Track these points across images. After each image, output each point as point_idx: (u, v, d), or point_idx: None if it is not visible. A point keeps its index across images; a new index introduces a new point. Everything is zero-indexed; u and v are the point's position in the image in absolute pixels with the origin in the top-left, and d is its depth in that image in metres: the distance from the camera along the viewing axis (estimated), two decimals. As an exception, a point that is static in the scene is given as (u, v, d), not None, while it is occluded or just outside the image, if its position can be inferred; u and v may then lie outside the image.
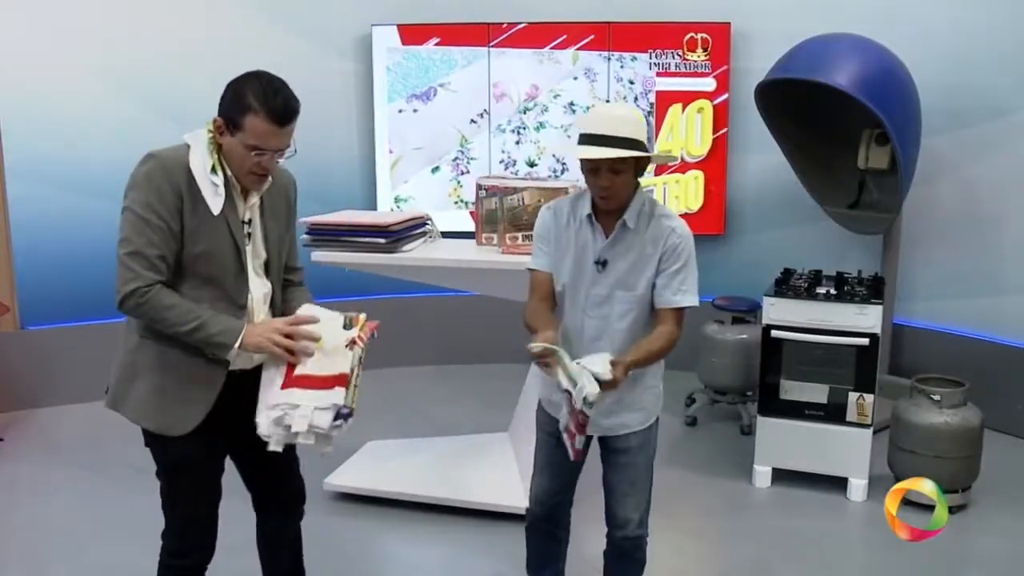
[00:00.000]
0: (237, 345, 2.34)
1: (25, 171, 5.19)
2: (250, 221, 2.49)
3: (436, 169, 6.00)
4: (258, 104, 2.31)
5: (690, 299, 2.64)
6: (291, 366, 2.42)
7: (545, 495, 2.93)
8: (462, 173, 5.98)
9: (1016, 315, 5.01)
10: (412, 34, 5.83)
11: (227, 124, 2.36)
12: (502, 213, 3.74)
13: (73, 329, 5.37)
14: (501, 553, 3.74)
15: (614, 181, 2.53)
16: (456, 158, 5.98)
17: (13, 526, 4.01)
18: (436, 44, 5.81)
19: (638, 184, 2.65)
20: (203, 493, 2.58)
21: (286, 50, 5.48)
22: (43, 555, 3.72)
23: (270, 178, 2.49)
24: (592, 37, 5.75)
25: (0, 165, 5.16)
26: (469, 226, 5.21)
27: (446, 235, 4.12)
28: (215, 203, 2.36)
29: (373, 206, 5.94)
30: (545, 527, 3.01)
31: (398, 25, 5.82)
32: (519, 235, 3.71)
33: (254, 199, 2.49)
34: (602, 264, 2.63)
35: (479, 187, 3.85)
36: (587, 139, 2.53)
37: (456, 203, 5.99)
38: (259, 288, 2.52)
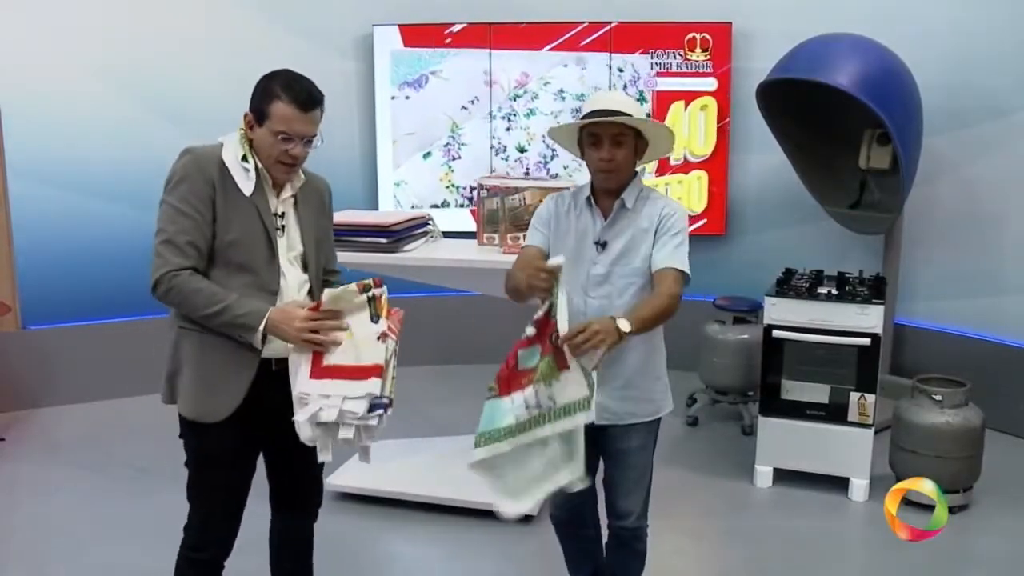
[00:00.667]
0: (262, 327, 2.38)
1: (26, 171, 5.19)
2: (283, 214, 2.55)
3: (428, 155, 6.01)
4: (282, 91, 2.43)
5: (683, 263, 2.66)
6: (318, 355, 2.42)
7: (563, 499, 2.84)
8: (453, 159, 5.99)
9: (1017, 315, 5.00)
10: (413, 34, 5.83)
11: (256, 116, 2.46)
12: (503, 213, 3.74)
13: (74, 329, 5.37)
14: (501, 553, 3.74)
15: (615, 154, 2.63)
16: (447, 144, 5.99)
17: (13, 526, 4.01)
18: (438, 46, 5.83)
19: (636, 173, 2.75)
20: (229, 488, 2.59)
21: (286, 50, 5.47)
22: (43, 555, 3.72)
23: (302, 175, 2.58)
24: (593, 37, 5.74)
25: (1, 165, 5.16)
26: (470, 226, 5.21)
27: (447, 235, 4.12)
28: (246, 186, 2.45)
29: (375, 206, 5.94)
30: (570, 529, 3.02)
31: (399, 25, 5.82)
32: (520, 235, 3.71)
33: (287, 194, 2.56)
34: (602, 245, 2.71)
35: (480, 187, 3.86)
36: (589, 116, 2.65)
37: (447, 187, 6.02)
38: (295, 277, 2.56)
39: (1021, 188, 4.97)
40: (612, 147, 2.64)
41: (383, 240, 3.75)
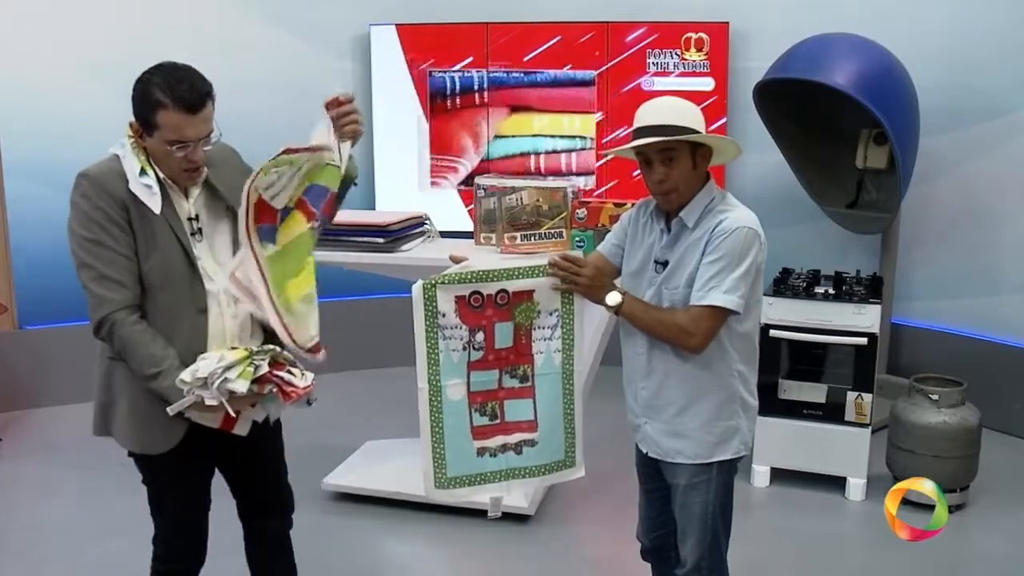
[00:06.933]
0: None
1: (23, 170, 5.18)
2: (197, 216, 2.41)
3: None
4: (165, 97, 2.25)
5: (716, 296, 2.31)
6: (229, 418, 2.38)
7: (644, 529, 2.78)
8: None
9: (1014, 315, 5.01)
10: (410, 34, 5.83)
11: (143, 126, 2.31)
12: (500, 213, 3.74)
13: (71, 329, 5.35)
14: (501, 553, 3.74)
15: (668, 174, 2.36)
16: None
17: (11, 526, 4.01)
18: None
19: (707, 179, 2.46)
20: (188, 503, 2.56)
21: (285, 50, 5.48)
22: (40, 555, 3.72)
23: (204, 169, 2.40)
24: (590, 36, 5.74)
25: (-2, 164, 5.16)
26: (468, 226, 5.21)
27: (444, 235, 4.13)
28: (154, 204, 2.30)
29: (372, 206, 5.94)
30: (656, 556, 2.80)
31: (396, 25, 5.82)
32: (517, 235, 3.71)
33: (196, 192, 2.42)
34: (662, 265, 2.45)
35: (477, 186, 3.86)
36: (637, 133, 2.39)
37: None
38: (222, 275, 2.42)
39: (1018, 188, 4.97)
40: (662, 166, 2.35)
41: (380, 240, 3.75)
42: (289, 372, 2.34)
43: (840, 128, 5.04)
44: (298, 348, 2.39)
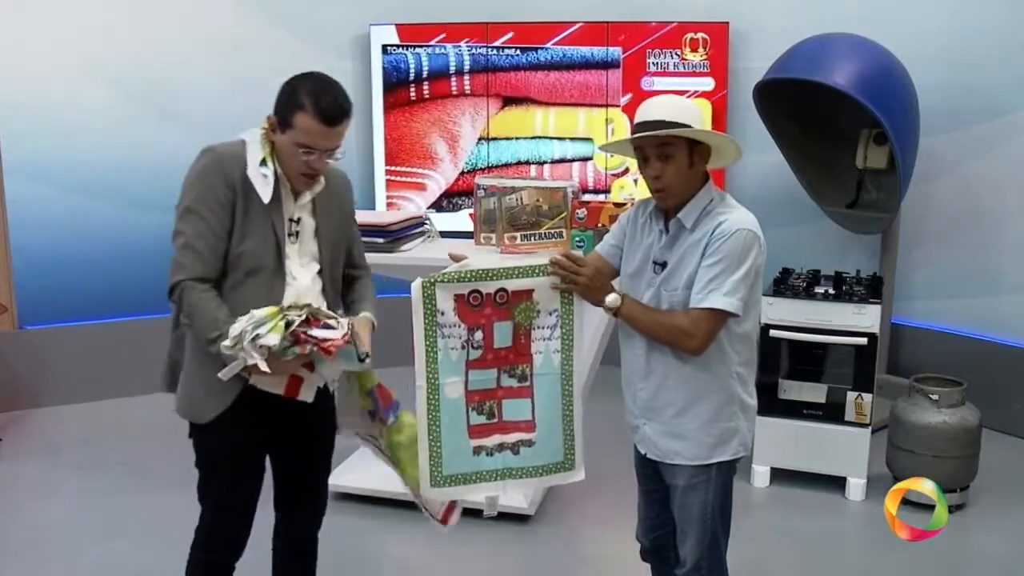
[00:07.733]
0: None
1: (24, 170, 5.18)
2: (299, 220, 2.50)
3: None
4: (309, 102, 2.34)
5: (716, 299, 2.32)
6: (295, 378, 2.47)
7: (643, 529, 2.77)
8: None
9: (1014, 315, 5.01)
10: (410, 33, 5.83)
11: (279, 122, 2.39)
12: (500, 213, 3.74)
13: (71, 329, 5.37)
14: (500, 553, 3.74)
15: (664, 170, 2.36)
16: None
17: (11, 526, 4.00)
18: (436, 42, 5.83)
19: (706, 180, 2.45)
20: (235, 489, 2.58)
21: (284, 50, 5.47)
22: (40, 555, 3.71)
23: (322, 180, 2.50)
24: (591, 36, 5.74)
25: (-2, 164, 5.16)
26: (468, 226, 5.21)
27: (444, 235, 4.13)
28: (265, 192, 2.38)
29: (372, 206, 5.94)
30: (655, 557, 2.78)
31: (396, 25, 5.82)
32: (517, 235, 3.71)
33: (306, 199, 2.50)
34: (660, 266, 2.44)
35: (477, 186, 3.86)
36: (636, 129, 2.39)
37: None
38: (306, 277, 2.51)
39: (1018, 188, 4.98)
40: (658, 161, 2.35)
41: (380, 240, 3.75)
42: (326, 326, 2.36)
43: (840, 128, 5.04)
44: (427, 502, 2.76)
